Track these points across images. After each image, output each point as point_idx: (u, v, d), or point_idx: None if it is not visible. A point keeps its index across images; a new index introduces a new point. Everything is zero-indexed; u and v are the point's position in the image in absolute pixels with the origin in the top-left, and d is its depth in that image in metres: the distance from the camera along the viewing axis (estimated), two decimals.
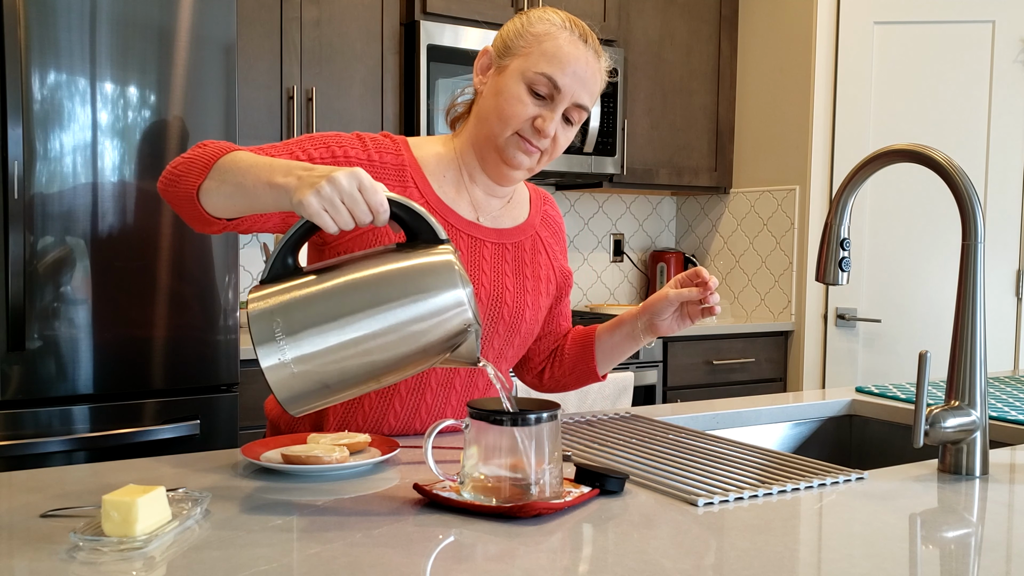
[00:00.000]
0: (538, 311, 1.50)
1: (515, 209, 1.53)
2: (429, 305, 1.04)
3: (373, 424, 1.42)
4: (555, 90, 1.35)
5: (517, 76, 1.36)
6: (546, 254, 1.55)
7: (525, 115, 1.36)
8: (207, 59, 2.39)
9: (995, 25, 3.39)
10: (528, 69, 1.35)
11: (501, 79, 1.38)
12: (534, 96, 1.36)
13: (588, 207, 4.01)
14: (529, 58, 1.36)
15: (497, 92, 1.38)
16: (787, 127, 3.70)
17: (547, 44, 1.36)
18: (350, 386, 1.06)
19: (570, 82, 1.36)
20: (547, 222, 1.58)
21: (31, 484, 1.13)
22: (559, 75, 1.35)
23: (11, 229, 2.16)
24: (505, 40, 1.40)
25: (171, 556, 0.88)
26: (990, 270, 3.44)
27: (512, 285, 1.46)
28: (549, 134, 1.38)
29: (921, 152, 1.27)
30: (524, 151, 1.39)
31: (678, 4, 3.76)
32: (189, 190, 1.21)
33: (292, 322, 1.02)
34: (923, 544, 0.96)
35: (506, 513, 1.01)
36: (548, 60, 1.35)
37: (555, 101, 1.36)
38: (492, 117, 1.38)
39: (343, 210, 1.04)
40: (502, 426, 1.04)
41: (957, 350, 1.25)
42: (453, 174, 1.46)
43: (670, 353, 3.40)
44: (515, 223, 1.51)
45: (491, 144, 1.40)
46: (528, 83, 1.35)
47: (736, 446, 1.36)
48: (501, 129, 1.37)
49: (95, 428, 2.27)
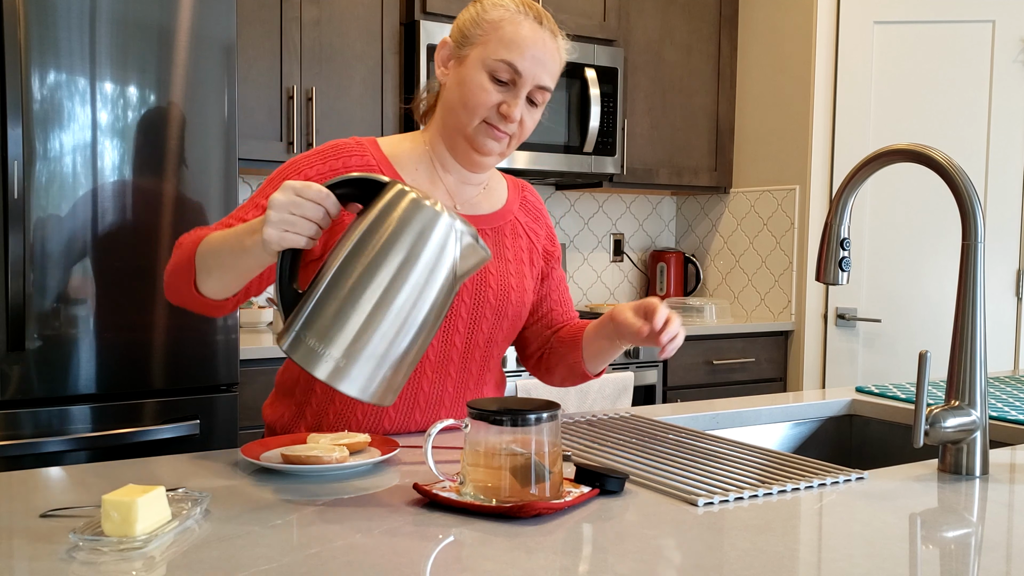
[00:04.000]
0: (523, 292, 1.51)
1: (492, 196, 1.55)
2: (409, 233, 1.07)
3: (372, 421, 1.43)
4: (516, 75, 1.38)
5: (478, 65, 1.39)
6: (527, 237, 1.56)
7: (489, 102, 1.39)
8: (207, 59, 2.39)
9: (995, 25, 3.39)
10: (488, 57, 1.38)
11: (463, 69, 1.40)
12: (496, 83, 1.38)
13: (588, 207, 4.01)
14: (488, 46, 1.38)
15: (460, 82, 1.40)
16: (787, 127, 3.70)
17: (504, 30, 1.38)
18: (404, 347, 1.09)
19: (530, 65, 1.38)
20: (526, 207, 1.59)
21: (31, 484, 1.13)
22: (518, 60, 1.37)
23: (11, 229, 2.16)
24: (462, 30, 1.42)
25: (171, 556, 0.88)
26: (990, 270, 3.44)
27: (495, 268, 1.48)
28: (515, 119, 1.40)
29: (921, 152, 1.27)
30: (493, 137, 1.41)
31: (678, 4, 3.76)
32: (191, 296, 1.30)
33: (318, 329, 1.06)
34: (923, 544, 0.96)
35: (506, 513, 1.01)
36: (506, 46, 1.37)
37: (517, 86, 1.39)
38: (458, 107, 1.41)
39: (297, 220, 1.10)
40: (502, 426, 1.04)
41: (957, 350, 1.25)
42: (426, 166, 1.48)
43: None
44: (493, 209, 1.53)
45: (460, 133, 1.42)
46: (489, 71, 1.38)
47: (736, 446, 1.36)
48: (468, 118, 1.40)
49: (95, 428, 2.27)
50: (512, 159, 3.25)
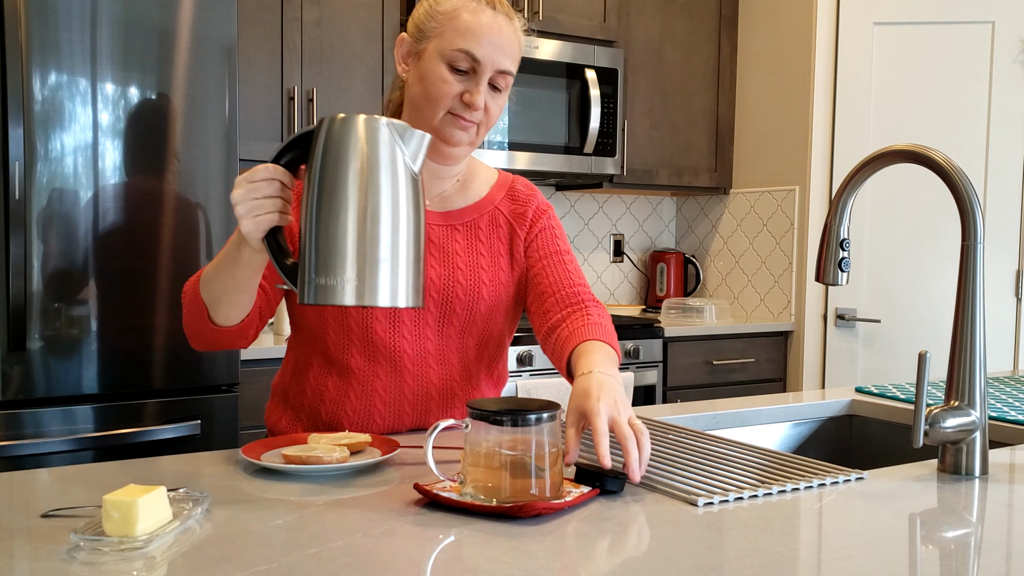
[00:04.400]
0: (498, 286, 1.49)
1: (468, 192, 1.53)
2: (347, 146, 1.11)
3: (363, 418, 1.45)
4: (475, 62, 1.38)
5: (436, 57, 1.39)
6: (510, 224, 1.53)
7: (452, 93, 1.39)
8: (207, 59, 2.39)
9: (995, 25, 3.39)
10: (445, 48, 1.38)
11: (422, 63, 1.41)
12: (456, 73, 1.39)
13: (588, 207, 4.01)
14: (443, 37, 1.39)
15: (421, 77, 1.41)
16: (787, 127, 3.70)
17: (458, 20, 1.38)
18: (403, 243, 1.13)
19: (488, 51, 1.38)
20: (514, 195, 1.56)
21: (31, 484, 1.13)
22: (475, 47, 1.37)
23: (11, 229, 2.16)
24: (417, 24, 1.43)
25: (171, 556, 0.88)
26: (990, 270, 3.44)
27: (464, 264, 1.47)
28: (480, 106, 1.40)
29: (921, 152, 1.27)
30: (460, 127, 1.41)
31: (678, 4, 3.76)
32: (210, 331, 1.34)
33: (322, 266, 1.12)
34: (923, 544, 0.96)
35: (506, 513, 1.01)
36: (462, 35, 1.38)
37: (478, 73, 1.39)
38: (422, 102, 1.41)
39: (261, 202, 1.14)
40: (502, 426, 1.04)
41: (957, 350, 1.25)
42: None
43: (670, 353, 3.40)
44: (468, 203, 1.52)
45: (427, 127, 1.42)
46: (448, 61, 1.38)
47: (736, 446, 1.36)
48: (433, 112, 1.40)
49: (96, 428, 2.27)
50: (512, 159, 3.25)
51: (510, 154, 3.25)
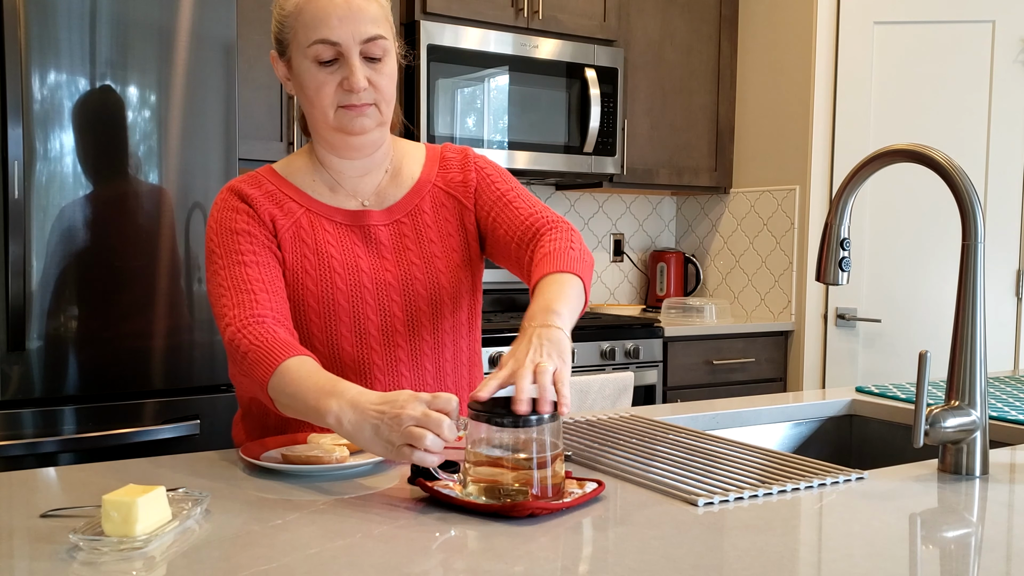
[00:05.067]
0: (455, 269, 1.47)
1: (402, 178, 1.49)
2: None
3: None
4: (336, 46, 1.34)
5: (301, 60, 1.37)
6: (453, 196, 1.49)
7: (331, 87, 1.35)
8: (207, 59, 2.39)
9: (995, 25, 3.39)
10: (303, 46, 1.35)
11: (294, 71, 1.39)
12: (326, 66, 1.35)
13: (588, 207, 4.01)
14: (297, 36, 1.36)
15: (298, 86, 1.39)
16: (787, 127, 3.70)
17: (302, 14, 1.36)
18: None
19: (342, 30, 1.33)
20: (446, 164, 1.51)
21: (31, 484, 1.13)
22: (328, 32, 1.33)
23: (11, 229, 2.16)
24: (275, 36, 1.42)
25: (171, 556, 0.88)
26: (990, 270, 3.44)
27: (418, 258, 1.45)
28: (362, 86, 1.35)
29: (921, 152, 1.27)
30: (357, 113, 1.37)
31: (678, 4, 3.76)
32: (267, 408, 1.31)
33: None
34: (923, 544, 0.96)
35: (507, 513, 1.01)
36: (312, 27, 1.34)
37: (345, 55, 1.35)
38: (310, 109, 1.40)
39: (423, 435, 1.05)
40: (503, 426, 1.04)
41: (957, 350, 1.25)
42: (319, 174, 1.46)
43: (670, 353, 3.40)
44: (404, 191, 1.48)
45: (327, 129, 1.40)
46: (313, 59, 1.35)
47: (736, 446, 1.36)
48: (323, 113, 1.37)
49: (95, 428, 2.27)
50: (512, 159, 3.25)
51: (510, 153, 3.25)
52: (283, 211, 1.41)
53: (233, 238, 1.37)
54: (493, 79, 3.21)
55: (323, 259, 1.40)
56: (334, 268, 1.40)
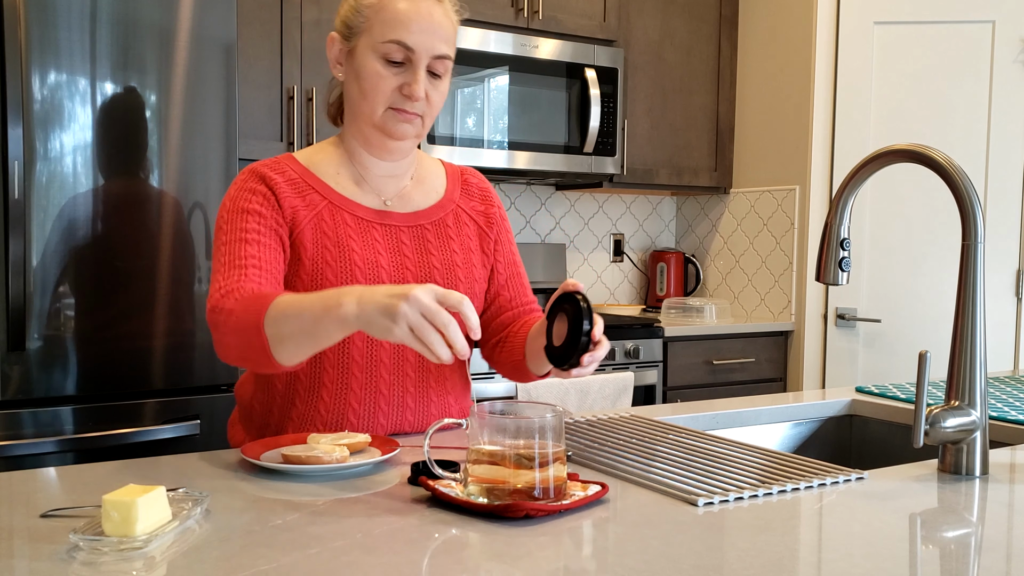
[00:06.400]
0: (472, 283, 1.49)
1: (426, 188, 1.51)
2: None
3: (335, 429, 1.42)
4: (409, 52, 1.35)
5: (368, 52, 1.36)
6: (475, 223, 1.53)
7: (390, 87, 1.37)
8: (207, 59, 2.39)
9: (995, 25, 3.39)
10: (376, 42, 1.36)
11: (355, 61, 1.39)
12: (391, 65, 1.36)
13: (588, 207, 4.01)
14: (373, 30, 1.36)
15: (356, 75, 1.39)
16: (787, 127, 3.70)
17: (384, 12, 1.36)
18: None
19: (420, 39, 1.35)
20: (468, 191, 1.55)
21: (31, 484, 1.13)
22: (406, 36, 1.35)
23: (11, 229, 2.16)
24: (345, 22, 1.40)
25: (171, 556, 0.88)
26: (990, 270, 3.44)
27: (440, 263, 1.46)
28: (420, 96, 1.37)
29: (921, 152, 1.27)
30: (404, 120, 1.39)
31: (678, 4, 3.76)
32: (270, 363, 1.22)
33: None
34: (923, 544, 0.96)
35: (507, 513, 1.01)
36: (391, 26, 1.35)
37: (413, 63, 1.36)
38: (360, 100, 1.39)
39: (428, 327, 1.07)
40: (505, 426, 1.04)
41: (957, 350, 1.25)
42: (348, 169, 1.46)
43: (670, 353, 3.40)
44: (430, 202, 1.50)
45: (370, 125, 1.40)
46: (381, 55, 1.36)
47: (736, 446, 1.36)
48: (373, 108, 1.38)
49: (95, 428, 2.27)
50: (512, 158, 3.25)
51: (510, 153, 3.25)
52: (305, 202, 1.40)
53: (243, 217, 1.37)
54: (493, 79, 3.21)
55: (344, 252, 1.40)
56: (354, 262, 1.40)
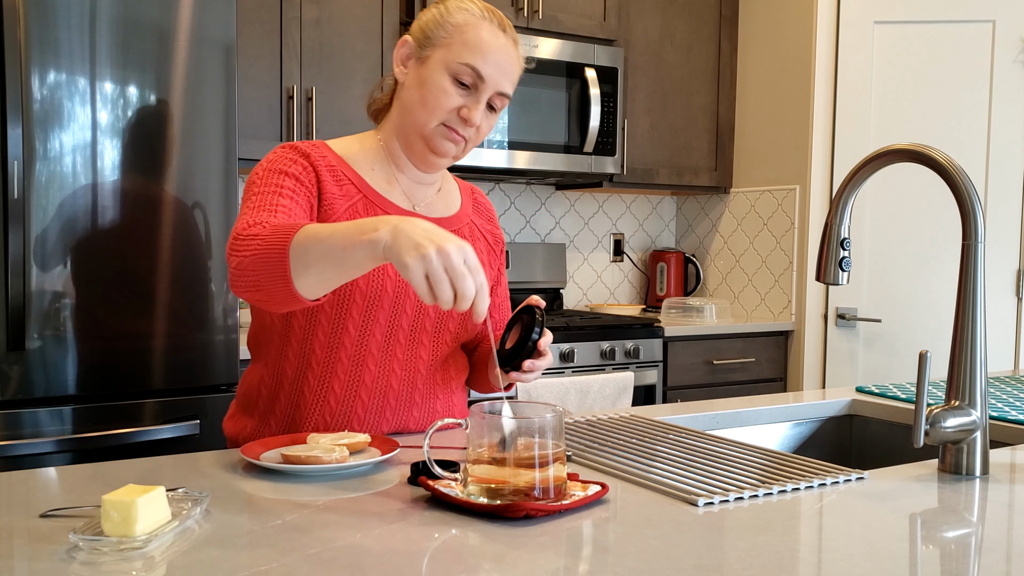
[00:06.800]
0: None
1: (447, 198, 1.55)
2: None
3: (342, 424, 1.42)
4: (479, 79, 1.38)
5: (440, 67, 1.38)
6: (484, 239, 1.58)
7: (451, 105, 1.38)
8: (207, 59, 2.39)
9: (995, 25, 3.39)
10: (451, 60, 1.37)
11: (424, 70, 1.40)
12: (458, 85, 1.38)
13: (588, 207, 4.01)
14: (451, 48, 1.38)
15: (421, 83, 1.40)
16: (787, 127, 3.70)
17: (468, 34, 1.38)
18: None
19: (493, 71, 1.38)
20: (479, 209, 1.60)
21: (31, 484, 1.13)
22: (482, 64, 1.37)
23: (11, 229, 2.16)
24: (425, 30, 1.41)
25: (171, 556, 0.88)
26: (990, 270, 3.44)
27: None
28: (476, 123, 1.40)
29: (921, 152, 1.27)
30: (451, 139, 1.41)
31: (678, 4, 3.76)
32: (287, 291, 1.16)
33: None
34: (923, 544, 0.96)
35: (507, 513, 1.01)
36: (471, 50, 1.37)
37: (479, 90, 1.39)
38: (417, 107, 1.40)
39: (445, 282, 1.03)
40: (505, 426, 1.04)
41: (957, 350, 1.25)
42: (382, 166, 1.48)
43: (670, 353, 3.40)
44: (449, 212, 1.53)
45: (417, 133, 1.42)
46: (452, 73, 1.38)
47: (736, 446, 1.36)
48: (427, 119, 1.40)
49: (94, 428, 2.27)
50: (512, 158, 3.25)
51: (510, 153, 3.25)
52: (342, 191, 1.41)
53: (279, 176, 1.36)
54: None
55: None
56: None
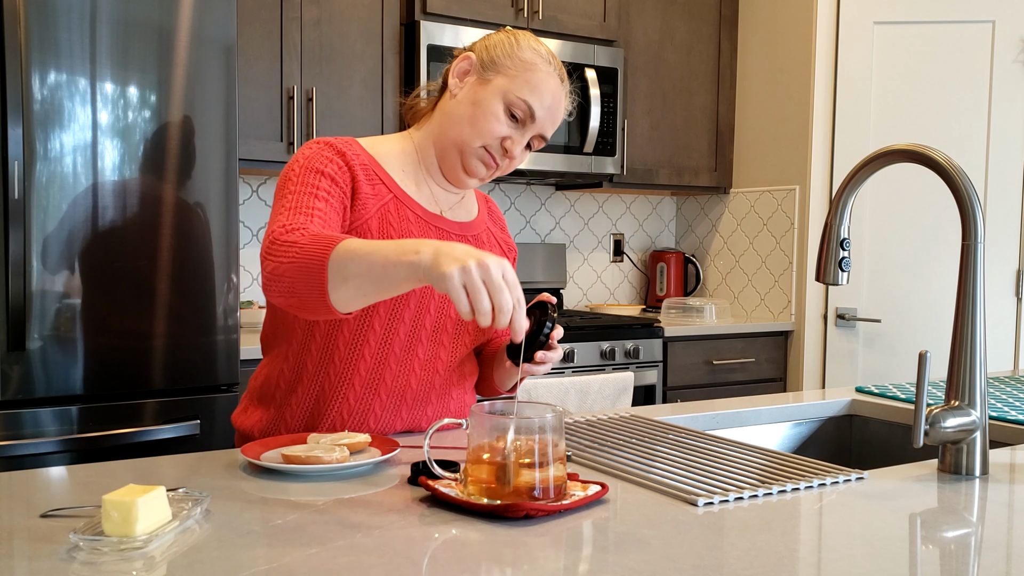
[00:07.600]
0: None
1: (468, 206, 1.59)
2: None
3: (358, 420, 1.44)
4: (530, 118, 1.43)
5: (498, 94, 1.43)
6: (499, 246, 1.61)
7: (498, 133, 1.43)
8: (207, 59, 2.39)
9: (995, 25, 3.39)
10: (511, 91, 1.42)
11: (482, 91, 1.44)
12: (510, 117, 1.43)
13: (588, 207, 4.01)
14: (514, 81, 1.43)
15: (475, 102, 1.43)
16: (787, 127, 3.70)
17: (532, 74, 1.43)
18: None
19: (545, 114, 1.44)
20: (493, 217, 1.64)
21: (31, 484, 1.13)
22: (538, 105, 1.43)
23: (11, 229, 2.16)
24: (492, 55, 1.45)
25: (171, 556, 0.88)
26: (990, 270, 3.44)
27: None
28: (514, 156, 1.45)
29: (921, 152, 1.27)
30: (485, 163, 1.46)
31: (678, 4, 3.76)
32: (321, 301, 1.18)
33: None
34: (923, 544, 0.96)
35: (507, 513, 1.01)
36: (532, 89, 1.42)
37: (526, 128, 1.44)
38: (465, 124, 1.44)
39: (483, 293, 1.06)
40: (505, 426, 1.04)
41: (957, 350, 1.25)
42: (412, 168, 1.50)
43: (670, 353, 3.40)
44: (470, 218, 1.57)
45: (456, 148, 1.45)
46: (508, 104, 1.43)
47: (736, 446, 1.36)
48: (471, 138, 1.44)
49: (95, 428, 2.27)
50: None
51: None
52: (374, 191, 1.43)
53: (315, 176, 1.38)
54: None
55: None
56: None
